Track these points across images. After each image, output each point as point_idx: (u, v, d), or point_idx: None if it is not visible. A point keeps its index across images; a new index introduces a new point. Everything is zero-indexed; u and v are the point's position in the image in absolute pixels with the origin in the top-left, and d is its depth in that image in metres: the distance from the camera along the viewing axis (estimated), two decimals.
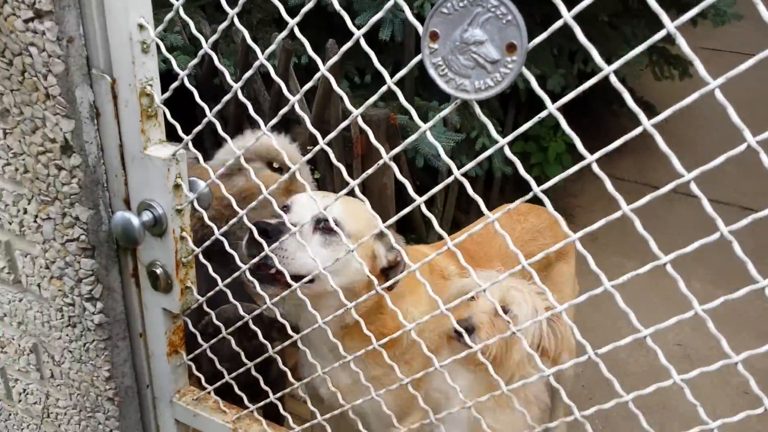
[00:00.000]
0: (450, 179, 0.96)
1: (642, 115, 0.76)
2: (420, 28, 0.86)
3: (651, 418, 3.05)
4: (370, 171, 1.02)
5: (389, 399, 1.48)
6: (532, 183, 0.90)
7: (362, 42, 0.94)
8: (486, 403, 1.51)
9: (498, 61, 0.83)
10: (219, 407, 1.45)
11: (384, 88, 0.92)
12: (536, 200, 0.93)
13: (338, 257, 1.29)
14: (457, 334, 1.47)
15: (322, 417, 1.29)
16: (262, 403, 1.41)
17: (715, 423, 0.92)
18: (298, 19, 0.95)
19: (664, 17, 0.70)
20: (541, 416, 1.76)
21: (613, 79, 0.77)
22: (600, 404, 0.98)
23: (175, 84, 1.12)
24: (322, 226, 1.59)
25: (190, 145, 1.18)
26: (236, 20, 1.03)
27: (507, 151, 0.88)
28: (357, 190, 0.99)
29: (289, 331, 1.26)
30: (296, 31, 0.97)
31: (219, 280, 1.25)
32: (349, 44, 0.93)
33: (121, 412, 1.53)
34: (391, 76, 0.91)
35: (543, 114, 0.84)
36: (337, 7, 0.96)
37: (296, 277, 1.43)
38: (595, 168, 0.82)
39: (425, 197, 0.98)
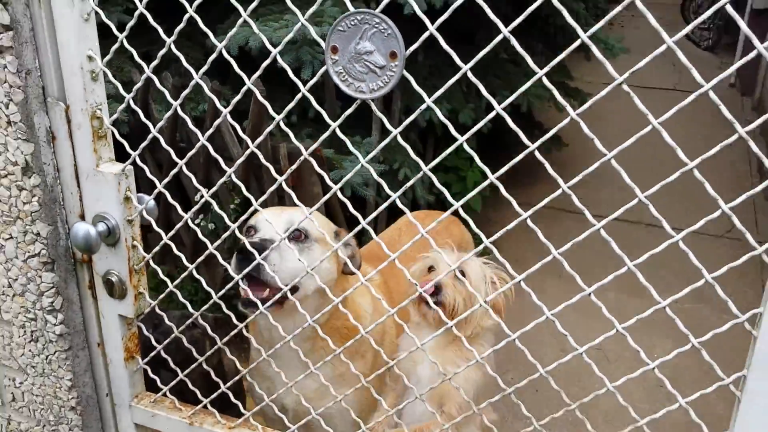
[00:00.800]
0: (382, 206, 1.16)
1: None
2: (323, 44, 1.08)
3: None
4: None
5: (356, 395, 1.64)
6: (449, 196, 1.11)
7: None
8: (449, 359, 1.75)
9: (384, 66, 1.06)
10: (175, 406, 1.58)
11: (330, 130, 1.13)
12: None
13: (315, 261, 1.48)
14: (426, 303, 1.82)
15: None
16: (213, 395, 1.55)
17: (644, 420, 1.13)
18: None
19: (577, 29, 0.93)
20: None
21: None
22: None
23: (122, 106, 1.30)
24: (293, 236, 1.80)
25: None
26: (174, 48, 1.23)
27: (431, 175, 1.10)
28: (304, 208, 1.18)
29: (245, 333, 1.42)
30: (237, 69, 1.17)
31: (169, 282, 1.41)
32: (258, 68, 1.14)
33: (83, 421, 1.63)
34: (314, 118, 1.13)
35: (454, 145, 1.08)
36: (282, 63, 1.16)
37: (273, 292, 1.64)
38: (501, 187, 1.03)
39: (370, 217, 1.16)
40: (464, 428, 1.90)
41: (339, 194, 1.24)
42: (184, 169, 1.35)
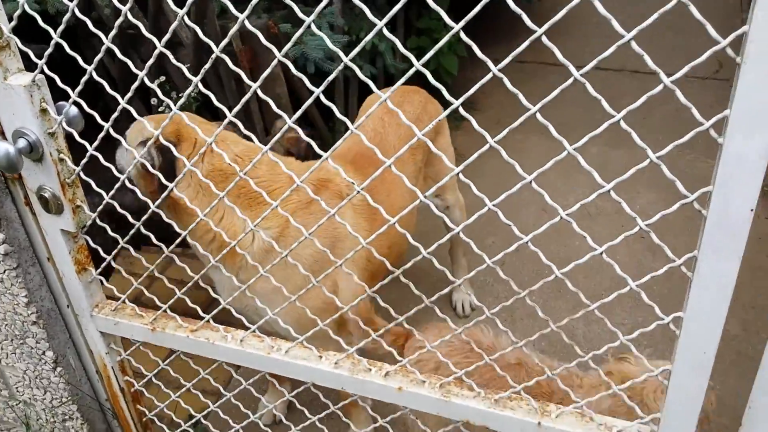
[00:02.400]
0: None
1: None
2: None
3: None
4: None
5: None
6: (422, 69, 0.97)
7: None
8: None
9: None
10: (136, 313, 1.58)
11: None
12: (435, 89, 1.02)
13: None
14: None
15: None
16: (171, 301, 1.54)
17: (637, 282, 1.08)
18: None
19: None
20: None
21: None
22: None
23: (18, 12, 1.17)
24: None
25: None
26: None
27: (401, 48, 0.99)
28: (253, 104, 1.08)
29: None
30: None
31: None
32: None
33: (48, 333, 1.64)
34: None
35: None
36: None
37: None
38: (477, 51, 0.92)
39: (322, 87, 1.02)
40: None
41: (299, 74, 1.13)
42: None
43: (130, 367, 1.75)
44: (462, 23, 0.87)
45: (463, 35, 0.92)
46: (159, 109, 2.95)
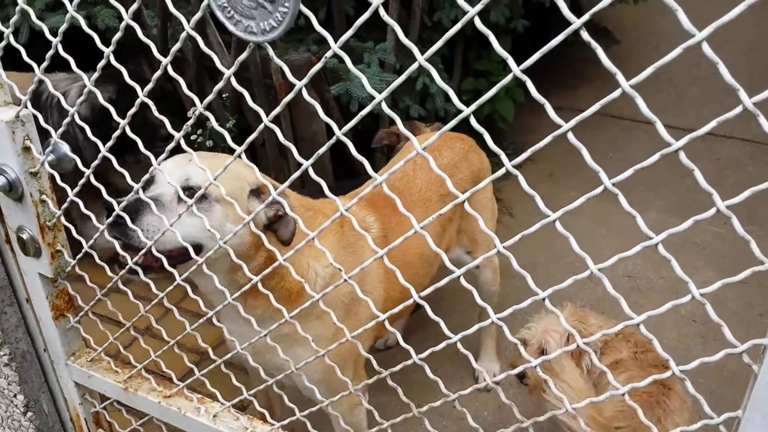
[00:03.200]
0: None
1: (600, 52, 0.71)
2: None
3: None
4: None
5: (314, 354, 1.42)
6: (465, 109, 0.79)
7: None
8: None
9: (275, 1, 0.81)
10: (111, 368, 1.46)
11: (331, 51, 0.85)
12: (489, 132, 0.84)
13: (212, 223, 1.28)
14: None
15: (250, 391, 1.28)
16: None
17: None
18: None
19: None
20: None
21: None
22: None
23: (9, 31, 1.08)
24: (187, 194, 1.42)
25: None
26: None
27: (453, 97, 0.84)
28: (281, 137, 0.94)
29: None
30: None
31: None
32: None
33: (20, 376, 1.53)
34: (323, 20, 0.87)
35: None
36: None
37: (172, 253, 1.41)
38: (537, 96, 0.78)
39: (345, 128, 0.88)
40: None
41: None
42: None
43: (105, 420, 1.63)
44: (523, 66, 0.71)
45: (527, 81, 0.74)
46: (195, 138, 2.88)
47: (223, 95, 2.90)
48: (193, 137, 2.84)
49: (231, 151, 0.97)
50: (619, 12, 5.02)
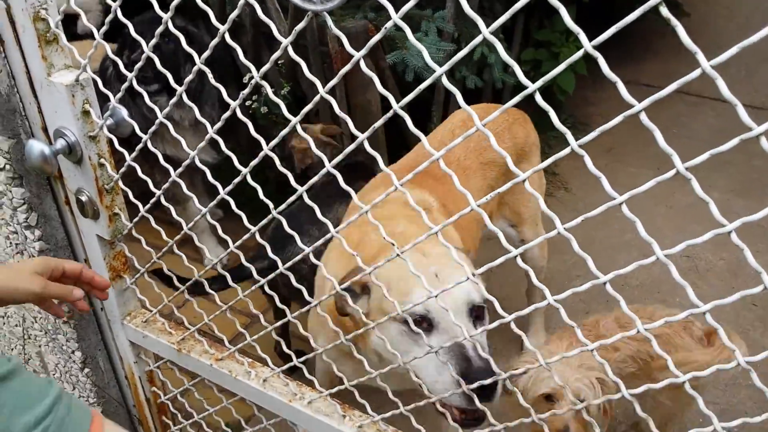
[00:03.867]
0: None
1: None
2: None
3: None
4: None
5: None
6: (530, 84, 0.74)
7: None
8: None
9: None
10: (165, 329, 1.49)
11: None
12: (548, 103, 0.79)
13: None
14: None
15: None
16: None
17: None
18: None
19: None
20: None
21: None
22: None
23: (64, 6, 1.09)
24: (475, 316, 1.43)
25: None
26: None
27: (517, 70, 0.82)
28: (337, 108, 0.93)
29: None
30: None
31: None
32: None
33: (78, 333, 1.58)
34: None
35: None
36: None
37: None
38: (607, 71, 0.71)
39: (402, 102, 0.85)
40: None
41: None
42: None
43: (158, 379, 1.67)
44: (596, 41, 0.67)
45: (591, 50, 0.70)
46: (250, 104, 2.89)
47: (279, 62, 2.89)
48: (248, 103, 2.86)
49: (286, 120, 0.95)
50: None
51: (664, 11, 0.61)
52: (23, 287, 1.17)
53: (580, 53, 0.68)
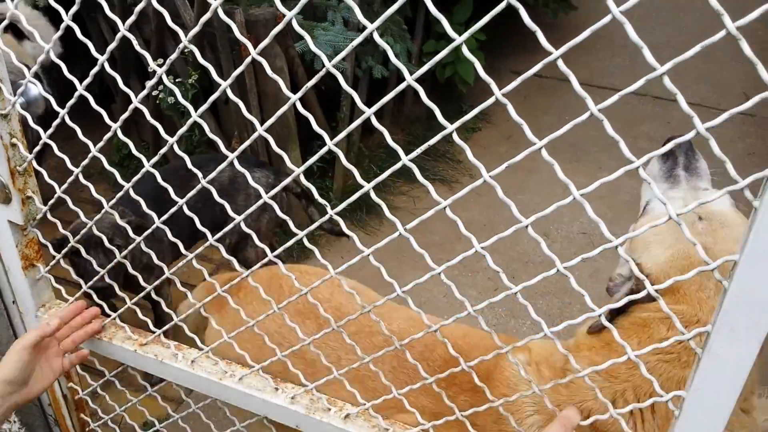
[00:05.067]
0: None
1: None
2: None
3: (548, 300, 3.17)
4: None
5: None
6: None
7: None
8: None
9: None
10: None
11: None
12: (450, 94, 0.85)
13: None
14: None
15: None
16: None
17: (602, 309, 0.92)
18: None
19: None
20: None
21: None
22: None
23: None
24: None
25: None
26: None
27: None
28: (252, 97, 0.93)
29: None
30: None
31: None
32: None
33: None
34: None
35: None
36: None
37: None
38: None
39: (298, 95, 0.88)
40: None
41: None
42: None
43: (76, 374, 1.61)
44: (477, 26, 0.72)
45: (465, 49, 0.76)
46: (156, 94, 2.81)
47: (185, 50, 2.83)
48: (154, 93, 2.78)
49: (191, 110, 0.96)
50: None
51: None
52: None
53: (465, 36, 0.73)
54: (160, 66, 0.96)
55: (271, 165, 2.71)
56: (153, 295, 1.45)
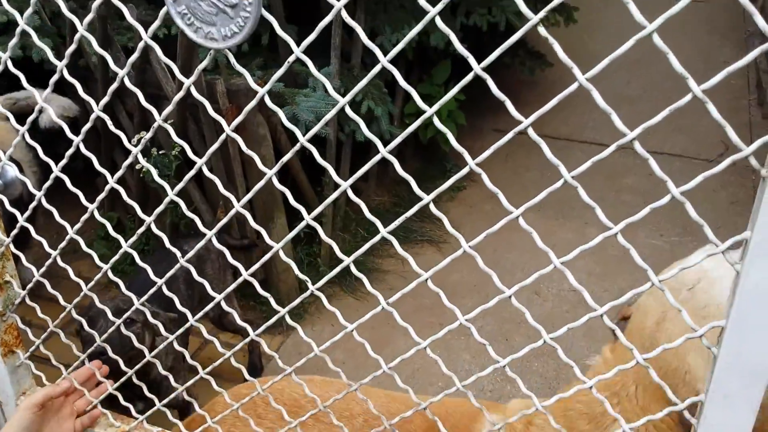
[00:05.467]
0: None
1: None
2: None
3: (544, 362, 3.13)
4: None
5: None
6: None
7: None
8: None
9: (237, 5, 0.81)
10: None
11: (283, 69, 0.86)
12: (433, 154, 0.85)
13: None
14: None
15: None
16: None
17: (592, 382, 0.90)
18: None
19: None
20: None
21: None
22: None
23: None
24: None
25: None
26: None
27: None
28: (236, 166, 0.93)
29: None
30: None
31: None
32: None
33: None
34: (268, 46, 0.85)
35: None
36: None
37: None
38: None
39: (280, 163, 0.88)
40: None
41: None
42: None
43: None
44: (446, 98, 0.72)
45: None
46: (140, 167, 2.81)
47: (169, 121, 2.85)
48: (138, 167, 2.78)
49: (176, 180, 0.95)
50: (553, 34, 5.20)
51: (542, 31, 0.67)
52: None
53: (447, 97, 0.73)
54: (141, 140, 0.96)
55: (259, 237, 2.71)
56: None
